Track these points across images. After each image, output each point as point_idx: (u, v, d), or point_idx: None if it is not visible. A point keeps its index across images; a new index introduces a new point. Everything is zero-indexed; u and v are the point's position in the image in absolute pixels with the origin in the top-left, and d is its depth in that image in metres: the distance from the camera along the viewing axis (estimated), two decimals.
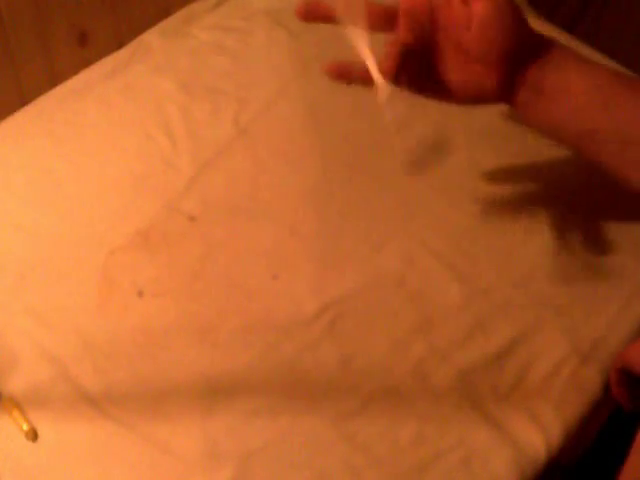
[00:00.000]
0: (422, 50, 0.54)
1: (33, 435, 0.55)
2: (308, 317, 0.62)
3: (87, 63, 0.79)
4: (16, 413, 0.56)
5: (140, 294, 0.63)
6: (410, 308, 0.63)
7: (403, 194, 0.70)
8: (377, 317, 0.63)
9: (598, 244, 0.68)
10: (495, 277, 0.65)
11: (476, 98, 0.55)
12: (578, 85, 0.53)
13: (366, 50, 0.53)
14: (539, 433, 0.57)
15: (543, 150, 0.72)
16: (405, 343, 0.61)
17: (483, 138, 0.74)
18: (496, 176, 0.72)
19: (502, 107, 0.57)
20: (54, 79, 0.77)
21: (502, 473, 0.56)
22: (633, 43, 1.10)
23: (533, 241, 0.68)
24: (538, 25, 0.84)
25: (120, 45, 0.81)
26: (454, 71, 0.54)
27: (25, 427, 0.55)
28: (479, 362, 0.61)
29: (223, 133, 0.74)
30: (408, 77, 0.53)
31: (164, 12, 0.84)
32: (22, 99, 0.76)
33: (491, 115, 0.75)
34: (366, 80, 0.53)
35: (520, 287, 0.65)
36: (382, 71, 0.52)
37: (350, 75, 0.55)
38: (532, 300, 0.64)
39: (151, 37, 0.82)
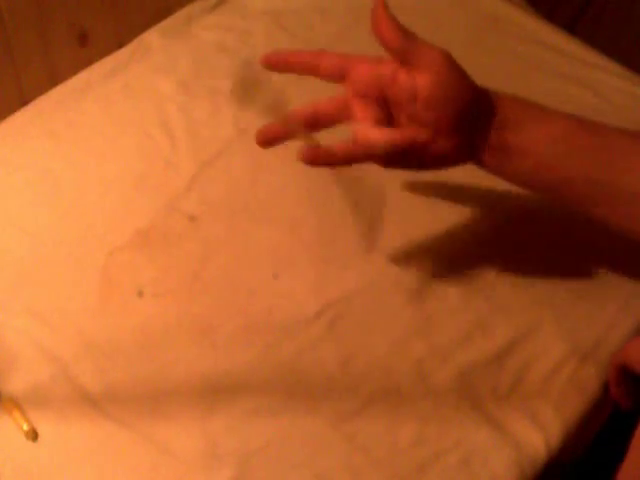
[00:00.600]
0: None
1: (33, 435, 0.55)
2: (308, 317, 0.62)
3: (87, 63, 0.79)
4: (16, 413, 0.56)
5: (140, 294, 0.63)
6: (410, 308, 0.63)
7: (404, 194, 0.70)
8: (377, 317, 0.63)
9: (598, 244, 0.68)
10: (495, 277, 0.65)
11: (439, 165, 0.56)
12: (537, 143, 0.54)
13: None
14: (539, 433, 0.57)
15: None
16: (405, 343, 0.62)
17: None
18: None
19: None
20: (54, 79, 0.77)
21: (502, 473, 0.56)
22: (633, 43, 1.10)
23: (533, 241, 0.68)
24: (538, 25, 0.86)
25: (120, 45, 0.81)
26: None
27: (25, 427, 0.55)
28: (479, 362, 0.61)
29: (223, 133, 0.74)
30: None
31: (164, 12, 0.84)
32: (22, 99, 0.76)
33: None
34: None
35: (520, 287, 0.65)
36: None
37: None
38: (532, 300, 0.64)
39: (151, 37, 0.82)
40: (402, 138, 0.52)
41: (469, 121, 0.53)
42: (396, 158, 0.55)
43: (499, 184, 0.71)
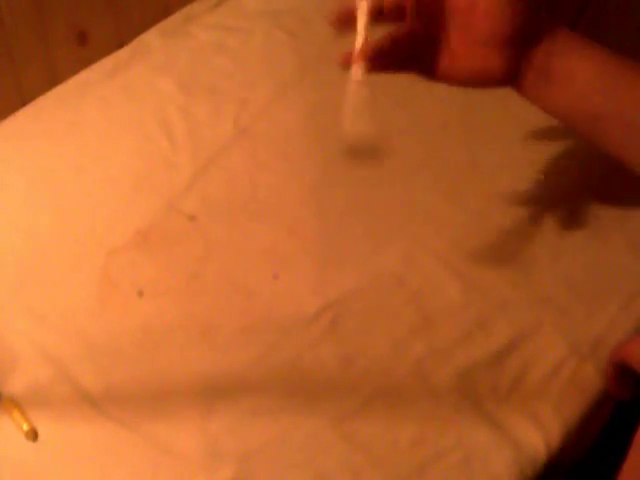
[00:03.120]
0: (428, 35, 0.55)
1: (33, 435, 0.55)
2: (308, 317, 0.62)
3: (87, 63, 0.79)
4: (16, 413, 0.56)
5: (140, 294, 0.63)
6: (410, 308, 0.63)
7: (403, 194, 0.70)
8: (377, 317, 0.63)
9: (598, 244, 0.68)
10: (495, 277, 0.65)
11: (481, 81, 0.56)
12: (582, 72, 0.54)
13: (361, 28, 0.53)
14: (539, 433, 0.57)
15: (543, 151, 0.72)
16: (405, 343, 0.62)
17: (483, 138, 0.74)
18: (496, 176, 0.72)
19: (502, 110, 0.57)
20: (54, 79, 0.77)
21: (502, 473, 0.56)
22: (633, 43, 1.10)
23: (533, 241, 0.68)
24: None
25: (120, 45, 0.81)
26: (459, 55, 0.55)
27: (25, 427, 0.55)
28: (479, 362, 0.61)
29: (223, 133, 0.74)
30: (396, 63, 0.55)
31: (164, 12, 0.84)
32: (22, 99, 0.76)
33: (491, 115, 0.75)
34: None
35: (520, 287, 0.65)
36: (361, 53, 0.53)
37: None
38: (532, 300, 0.64)
39: (151, 37, 0.82)
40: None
41: (521, 38, 0.53)
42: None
43: (498, 184, 0.71)
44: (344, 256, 0.66)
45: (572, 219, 0.70)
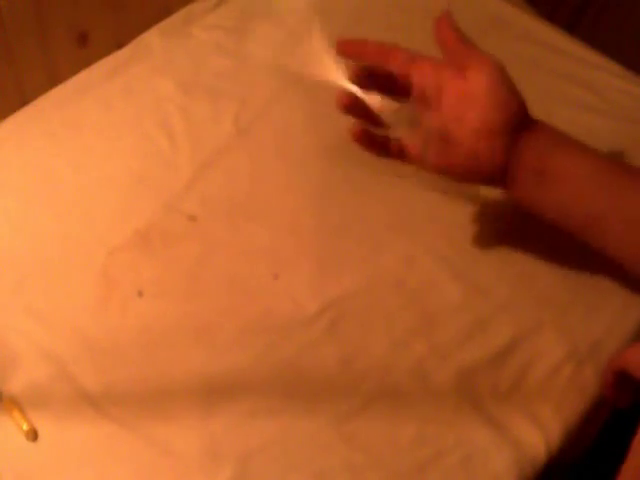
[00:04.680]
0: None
1: (33, 435, 0.55)
2: (308, 317, 0.62)
3: (87, 63, 0.79)
4: (16, 413, 0.56)
5: (140, 294, 0.63)
6: (410, 308, 0.63)
7: (403, 194, 0.70)
8: (377, 317, 0.63)
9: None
10: (495, 277, 0.65)
11: (471, 172, 0.57)
12: (580, 169, 0.54)
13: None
14: (539, 433, 0.57)
15: None
16: (405, 343, 0.62)
17: None
18: None
19: None
20: (54, 79, 0.77)
21: (502, 473, 0.56)
22: (633, 43, 1.10)
23: (533, 241, 0.68)
24: (538, 25, 0.86)
25: (120, 45, 0.81)
26: (452, 144, 0.56)
27: (25, 427, 0.55)
28: (479, 362, 0.61)
29: (223, 133, 0.74)
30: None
31: (164, 12, 0.84)
32: (22, 99, 0.76)
33: None
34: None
35: (520, 287, 0.65)
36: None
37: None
38: (532, 300, 0.64)
39: (151, 37, 0.82)
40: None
41: (510, 131, 0.54)
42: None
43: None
44: (344, 256, 0.66)
45: None
